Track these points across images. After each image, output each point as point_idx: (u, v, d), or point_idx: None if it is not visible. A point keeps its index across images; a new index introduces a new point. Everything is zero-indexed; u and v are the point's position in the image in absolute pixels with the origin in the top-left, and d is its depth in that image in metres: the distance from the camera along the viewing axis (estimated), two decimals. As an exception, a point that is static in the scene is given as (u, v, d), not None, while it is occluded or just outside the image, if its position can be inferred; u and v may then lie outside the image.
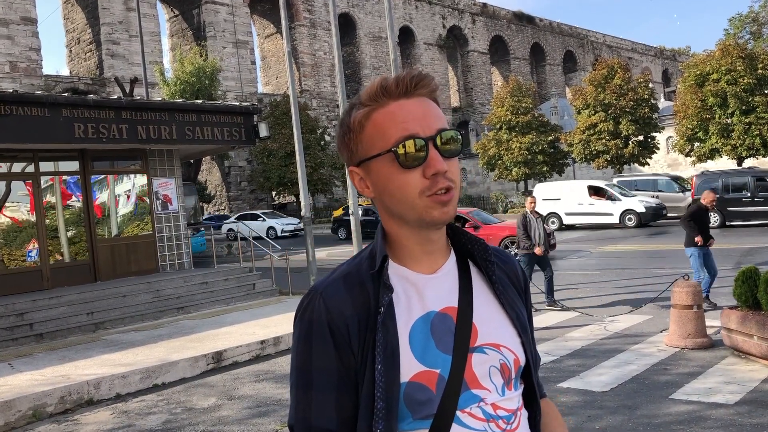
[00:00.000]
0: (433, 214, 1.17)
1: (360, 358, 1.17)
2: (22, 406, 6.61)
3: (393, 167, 1.17)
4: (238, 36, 47.27)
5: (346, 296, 1.19)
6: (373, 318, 1.17)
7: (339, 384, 1.17)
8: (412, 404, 1.15)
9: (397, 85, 1.18)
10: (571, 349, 7.75)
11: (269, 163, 39.84)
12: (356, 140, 1.22)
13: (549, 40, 73.59)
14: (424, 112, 1.19)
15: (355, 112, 1.21)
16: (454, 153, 1.19)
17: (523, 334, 1.27)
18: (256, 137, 14.65)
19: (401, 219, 1.21)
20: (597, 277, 13.45)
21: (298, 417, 1.20)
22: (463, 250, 1.30)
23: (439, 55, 62.67)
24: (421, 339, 1.18)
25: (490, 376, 1.21)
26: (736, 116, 30.34)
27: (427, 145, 1.16)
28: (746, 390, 5.83)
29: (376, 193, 1.22)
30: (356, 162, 1.23)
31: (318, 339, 1.18)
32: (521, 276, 1.38)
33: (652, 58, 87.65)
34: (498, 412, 1.20)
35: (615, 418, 5.36)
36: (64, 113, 11.28)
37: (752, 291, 6.62)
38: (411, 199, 1.17)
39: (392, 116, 1.18)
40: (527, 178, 39.34)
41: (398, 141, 1.16)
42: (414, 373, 1.15)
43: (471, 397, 1.18)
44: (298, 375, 1.20)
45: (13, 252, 12.03)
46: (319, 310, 1.19)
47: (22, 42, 35.34)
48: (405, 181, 1.16)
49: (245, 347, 8.65)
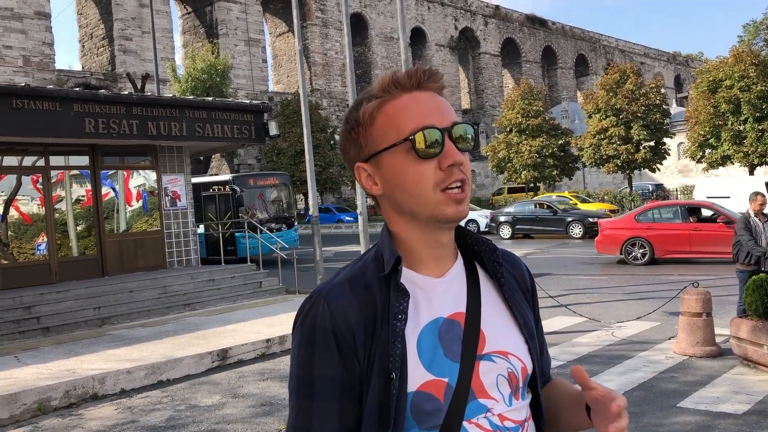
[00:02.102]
0: (446, 211, 1.13)
1: (366, 366, 1.11)
2: (28, 399, 6.63)
3: (407, 159, 1.13)
4: (250, 34, 47.35)
5: (351, 300, 1.14)
6: (380, 323, 1.12)
7: (342, 393, 1.12)
8: (418, 415, 1.11)
9: (409, 78, 1.16)
10: (578, 354, 7.69)
11: (279, 161, 39.87)
12: (366, 134, 1.18)
13: (561, 44, 73.34)
14: (438, 104, 1.17)
15: (365, 105, 1.18)
16: (467, 147, 1.16)
17: (530, 341, 1.22)
18: (266, 135, 14.65)
19: (412, 217, 1.16)
20: (604, 282, 13.37)
21: (297, 426, 1.14)
22: (469, 252, 1.26)
23: (451, 57, 62.57)
24: (430, 346, 1.13)
25: (498, 386, 1.16)
26: (749, 123, 30.13)
27: (443, 136, 1.13)
28: (755, 400, 5.76)
29: (386, 189, 1.18)
30: (365, 157, 1.19)
31: (321, 346, 1.12)
32: (528, 279, 1.34)
33: (664, 64, 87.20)
34: (505, 423, 1.16)
35: (621, 426, 5.30)
36: (75, 108, 11.32)
37: (763, 300, 6.55)
38: (425, 193, 1.13)
39: (407, 107, 1.15)
40: (536, 181, 39.22)
41: (414, 131, 1.12)
42: (422, 382, 1.11)
43: (478, 407, 1.14)
44: (299, 383, 1.14)
45: (23, 245, 12.10)
46: (323, 316, 1.13)
47: (36, 36, 35.54)
48: (420, 173, 1.13)
49: (251, 345, 8.64)
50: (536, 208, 25.80)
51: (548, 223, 24.72)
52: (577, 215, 24.58)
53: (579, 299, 11.30)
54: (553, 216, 24.74)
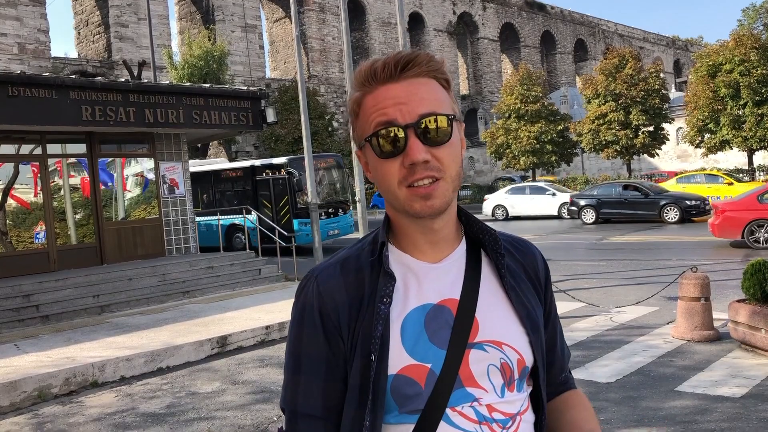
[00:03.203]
0: (414, 207, 1.12)
1: (350, 346, 1.14)
2: (28, 387, 6.65)
3: (375, 155, 1.14)
4: (247, 20, 47.05)
5: (340, 281, 1.17)
6: (366, 305, 1.14)
7: (327, 371, 1.16)
8: (399, 397, 1.12)
9: (383, 69, 1.14)
10: (576, 339, 7.71)
11: (277, 148, 39.78)
12: (355, 124, 1.19)
13: (560, 28, 72.95)
14: (409, 96, 1.12)
15: (352, 96, 1.19)
16: (440, 141, 1.12)
17: (533, 333, 1.20)
18: (264, 122, 14.61)
19: None
20: (603, 267, 13.39)
21: (286, 400, 1.20)
22: (476, 238, 1.25)
23: (449, 42, 62.25)
24: (414, 331, 1.13)
25: (489, 375, 1.15)
26: (749, 107, 30.03)
27: (407, 133, 1.10)
28: (753, 384, 5.78)
29: (373, 178, 1.19)
30: (358, 146, 1.21)
31: (309, 324, 1.17)
32: (542, 268, 1.30)
33: (664, 48, 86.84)
34: (493, 415, 1.14)
35: (619, 410, 5.33)
36: (72, 95, 11.27)
37: (761, 284, 6.55)
38: (393, 189, 1.13)
39: (376, 102, 1.14)
40: (535, 167, 39.15)
41: (375, 129, 1.12)
42: (403, 366, 1.12)
43: (464, 395, 1.13)
44: (289, 358, 1.20)
45: (21, 234, 12.09)
46: (311, 295, 1.17)
47: (31, 24, 35.29)
48: (385, 170, 1.13)
49: (250, 332, 8.65)
50: (624, 190, 24.15)
51: (639, 206, 23.21)
52: (671, 198, 22.81)
53: (578, 284, 11.32)
54: (644, 199, 23.16)
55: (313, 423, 1.16)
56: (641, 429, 4.93)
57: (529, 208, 27.85)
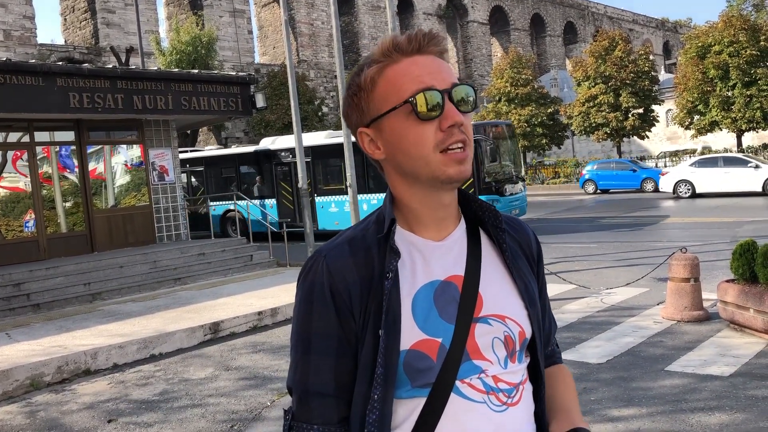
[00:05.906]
0: (448, 171, 1.15)
1: (361, 323, 1.16)
2: (20, 375, 6.64)
3: (408, 121, 1.16)
4: (235, 5, 46.58)
5: (349, 260, 1.18)
6: (377, 283, 1.16)
7: (338, 349, 1.17)
8: (411, 372, 1.15)
9: (409, 42, 1.18)
10: (567, 321, 7.77)
11: (267, 134, 39.61)
12: (367, 99, 1.20)
13: (549, 11, 72.68)
14: (438, 67, 1.19)
15: (366, 70, 1.20)
16: (468, 109, 1.18)
17: (530, 307, 1.25)
18: (253, 108, 14.53)
19: (414, 179, 1.19)
20: (594, 249, 13.46)
21: (295, 379, 1.20)
22: (473, 217, 1.29)
23: (439, 26, 61.85)
24: (424, 307, 1.17)
25: (493, 348, 1.20)
26: (738, 89, 30.14)
27: (443, 98, 1.15)
28: (741, 362, 5.86)
29: (388, 153, 1.20)
30: (367, 122, 1.21)
31: (319, 302, 1.17)
32: (534, 246, 1.36)
33: (653, 30, 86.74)
34: (499, 385, 1.19)
35: (610, 390, 5.39)
36: (59, 82, 11.16)
37: (749, 264, 6.62)
38: (426, 154, 1.15)
39: (406, 71, 1.17)
40: (526, 150, 39.19)
41: (414, 93, 1.15)
42: (415, 341, 1.15)
43: (472, 367, 1.18)
44: (298, 338, 1.20)
45: (10, 222, 12.01)
46: (321, 273, 1.18)
47: (16, 10, 34.82)
48: (420, 134, 1.15)
49: (242, 318, 8.67)
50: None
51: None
52: None
53: (569, 267, 11.38)
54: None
55: (325, 400, 1.18)
56: (632, 409, 4.99)
57: (722, 183, 23.24)
